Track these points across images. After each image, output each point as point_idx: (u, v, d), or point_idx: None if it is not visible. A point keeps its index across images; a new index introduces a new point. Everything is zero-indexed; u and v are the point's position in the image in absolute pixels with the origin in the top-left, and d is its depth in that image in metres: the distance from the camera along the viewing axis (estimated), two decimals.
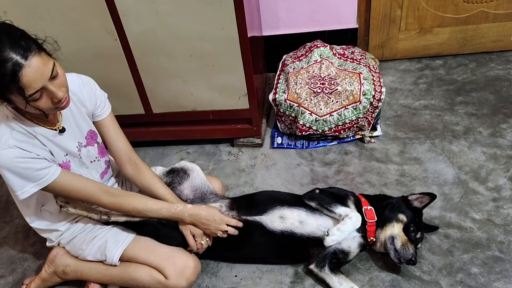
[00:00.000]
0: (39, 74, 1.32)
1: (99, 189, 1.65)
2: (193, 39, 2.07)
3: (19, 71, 1.28)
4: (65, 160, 1.64)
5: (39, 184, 1.50)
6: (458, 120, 2.42)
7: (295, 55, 2.62)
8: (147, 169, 1.85)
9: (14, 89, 1.31)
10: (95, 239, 1.77)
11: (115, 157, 1.82)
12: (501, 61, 2.79)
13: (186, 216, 1.73)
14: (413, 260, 1.68)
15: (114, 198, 1.67)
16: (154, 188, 1.80)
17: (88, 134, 1.73)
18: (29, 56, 1.30)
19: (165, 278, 1.72)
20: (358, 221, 1.70)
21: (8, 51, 1.28)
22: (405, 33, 2.80)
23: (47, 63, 1.35)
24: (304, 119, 2.34)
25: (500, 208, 1.95)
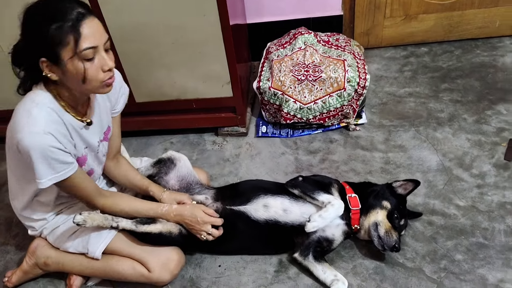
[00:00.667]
0: (98, 32, 1.35)
1: (96, 191, 1.64)
2: (174, 26, 2.04)
3: (81, 20, 1.30)
4: (84, 153, 1.62)
5: (58, 177, 1.47)
6: (443, 107, 2.41)
7: (279, 42, 2.59)
8: (124, 160, 1.89)
9: (71, 39, 1.30)
10: (78, 231, 1.74)
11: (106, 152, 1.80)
12: (486, 47, 2.78)
13: (172, 216, 1.73)
14: (397, 247, 1.68)
15: (105, 199, 1.66)
16: (131, 177, 1.85)
17: (107, 130, 1.72)
18: (92, 14, 1.35)
19: (148, 271, 1.71)
20: (340, 208, 1.70)
21: (74, 3, 1.33)
22: (390, 20, 2.78)
23: (103, 31, 1.38)
24: (288, 107, 2.32)
25: (484, 195, 1.95)
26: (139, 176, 1.87)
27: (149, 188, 1.83)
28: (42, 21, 1.30)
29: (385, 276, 1.72)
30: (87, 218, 1.61)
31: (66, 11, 1.30)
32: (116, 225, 1.69)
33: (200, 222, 1.70)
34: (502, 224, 1.83)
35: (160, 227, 1.73)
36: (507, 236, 1.79)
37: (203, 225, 1.71)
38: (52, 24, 1.29)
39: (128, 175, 1.86)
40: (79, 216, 1.60)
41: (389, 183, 1.86)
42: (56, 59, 1.33)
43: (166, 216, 1.73)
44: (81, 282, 1.82)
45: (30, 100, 1.44)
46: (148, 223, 1.73)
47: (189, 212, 1.72)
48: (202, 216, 1.71)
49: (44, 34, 1.30)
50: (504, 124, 2.25)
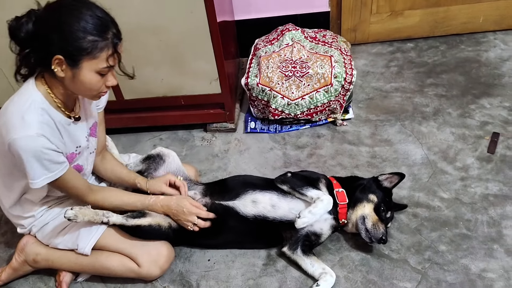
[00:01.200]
0: (119, 57, 1.45)
1: (87, 187, 1.65)
2: (161, 23, 2.04)
3: (117, 42, 1.40)
4: (74, 151, 1.63)
5: (50, 177, 1.49)
6: (428, 101, 2.45)
7: (267, 39, 2.61)
8: (110, 155, 1.92)
9: (104, 54, 1.37)
10: (67, 227, 1.75)
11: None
12: (471, 42, 2.82)
13: (159, 206, 1.75)
14: (384, 239, 1.71)
15: (95, 195, 1.68)
16: (117, 171, 1.87)
17: (93, 125, 1.73)
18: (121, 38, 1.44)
19: (137, 266, 1.72)
20: (329, 203, 1.72)
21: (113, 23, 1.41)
22: (377, 16, 2.81)
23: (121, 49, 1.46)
24: (276, 103, 2.34)
25: (468, 187, 1.99)
26: (125, 170, 1.89)
27: (136, 180, 1.85)
28: (80, 28, 1.33)
29: (371, 267, 1.76)
30: (78, 213, 1.62)
31: (106, 28, 1.37)
32: (106, 220, 1.70)
33: (185, 212, 1.72)
34: (485, 216, 1.87)
35: (150, 220, 1.74)
36: (490, 227, 1.83)
37: (188, 215, 1.73)
38: (89, 35, 1.34)
39: (114, 170, 1.88)
40: (70, 211, 1.60)
41: (375, 176, 1.89)
42: (75, 63, 1.37)
43: (154, 206, 1.75)
44: (71, 279, 1.83)
45: (22, 99, 1.44)
46: (138, 217, 1.74)
47: (175, 203, 1.74)
48: (188, 206, 1.73)
49: (77, 39, 1.33)
50: (487, 117, 2.30)
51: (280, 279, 1.77)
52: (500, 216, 1.86)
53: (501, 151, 2.12)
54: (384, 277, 1.72)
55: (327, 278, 1.69)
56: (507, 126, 2.24)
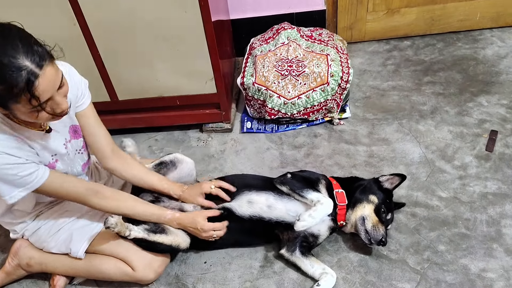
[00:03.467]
0: (51, 84, 1.27)
1: (88, 190, 1.60)
2: (156, 22, 2.02)
3: (34, 81, 1.21)
4: (52, 160, 1.58)
5: (28, 188, 1.45)
6: (425, 100, 2.43)
7: (263, 37, 2.59)
8: (131, 158, 1.81)
9: (23, 99, 1.23)
10: (60, 231, 1.72)
11: (97, 150, 1.73)
12: (468, 40, 2.80)
13: (175, 224, 1.74)
14: (384, 241, 1.69)
15: (101, 200, 1.63)
16: (145, 178, 1.79)
17: (70, 129, 1.65)
18: (43, 65, 1.23)
19: (132, 270, 1.70)
20: (329, 207, 1.70)
21: (23, 57, 1.20)
22: (373, 14, 2.79)
23: (57, 73, 1.30)
24: (272, 103, 2.32)
25: (466, 186, 1.97)
26: (156, 177, 1.82)
27: (171, 191, 1.80)
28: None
29: (369, 268, 1.74)
30: (118, 221, 1.58)
31: (15, 70, 1.19)
32: (128, 233, 1.64)
33: (200, 230, 1.70)
34: (484, 215, 1.85)
35: (172, 239, 1.72)
36: (489, 226, 1.81)
37: (205, 232, 1.71)
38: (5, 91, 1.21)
39: (143, 177, 1.79)
40: (112, 219, 1.56)
41: (376, 177, 1.87)
42: (5, 107, 1.29)
43: (169, 224, 1.73)
44: (65, 283, 1.80)
45: None
46: (159, 232, 1.71)
47: (189, 222, 1.71)
48: (202, 225, 1.70)
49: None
50: (485, 115, 2.28)
51: (278, 281, 1.75)
52: (499, 215, 1.84)
53: (500, 149, 2.11)
54: (382, 278, 1.70)
55: (328, 278, 1.68)
56: (505, 123, 2.22)
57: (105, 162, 1.75)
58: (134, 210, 1.69)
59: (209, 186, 1.80)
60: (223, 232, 1.74)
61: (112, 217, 1.57)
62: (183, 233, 1.76)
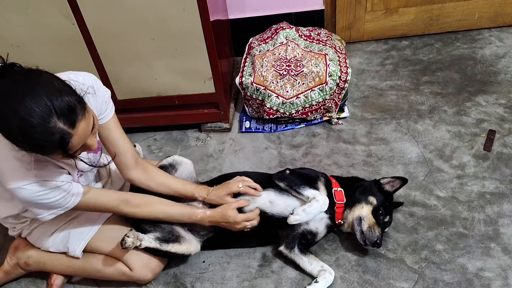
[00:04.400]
0: (84, 137, 1.27)
1: (119, 200, 1.62)
2: (154, 22, 2.02)
3: (68, 141, 1.21)
4: (78, 176, 1.59)
5: (66, 208, 1.47)
6: (424, 99, 2.43)
7: (261, 37, 2.59)
8: (151, 166, 1.79)
9: (58, 153, 1.24)
10: (58, 230, 1.72)
11: (121, 162, 1.69)
12: (466, 40, 2.81)
13: (207, 222, 1.73)
14: (378, 243, 1.69)
15: (134, 208, 1.64)
16: (170, 184, 1.77)
17: None
18: (77, 123, 1.21)
19: (129, 269, 1.70)
20: (325, 204, 1.70)
21: (55, 120, 1.17)
22: (372, 14, 2.79)
23: (89, 122, 1.27)
24: (271, 102, 2.32)
25: (464, 185, 1.98)
26: (180, 182, 1.80)
27: (196, 194, 1.78)
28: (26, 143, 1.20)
29: (367, 267, 1.74)
30: (133, 239, 1.59)
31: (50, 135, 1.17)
32: (139, 243, 1.63)
33: (232, 222, 1.70)
34: (482, 214, 1.86)
35: (184, 249, 1.73)
36: (487, 225, 1.82)
37: (238, 224, 1.70)
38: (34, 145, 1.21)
39: (167, 184, 1.76)
40: (129, 240, 1.57)
41: (377, 179, 1.87)
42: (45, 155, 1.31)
43: (201, 222, 1.73)
44: (63, 282, 1.81)
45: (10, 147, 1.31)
46: (172, 242, 1.71)
47: (220, 217, 1.71)
48: (234, 217, 1.69)
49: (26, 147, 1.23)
50: (483, 115, 2.28)
51: (276, 280, 1.75)
52: (497, 214, 1.85)
53: (498, 149, 2.11)
54: (380, 277, 1.70)
55: (326, 275, 1.68)
56: (503, 123, 2.22)
57: (127, 173, 1.72)
58: (167, 213, 1.70)
59: (236, 186, 1.77)
60: (256, 221, 1.73)
61: (128, 236, 1.57)
62: (196, 240, 1.77)
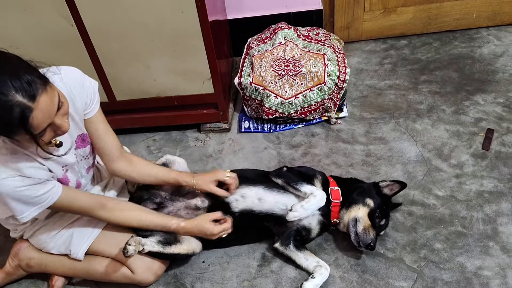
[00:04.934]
0: (47, 113, 1.24)
1: (95, 204, 1.61)
2: (152, 23, 2.03)
3: (29, 115, 1.19)
4: (63, 171, 1.58)
5: (41, 207, 1.46)
6: (422, 99, 2.44)
7: (260, 37, 2.60)
8: (135, 157, 1.80)
9: (22, 132, 1.23)
10: (60, 232, 1.73)
11: (105, 154, 1.70)
12: (464, 39, 2.81)
13: (182, 232, 1.73)
14: (372, 245, 1.69)
15: (109, 213, 1.63)
16: (153, 172, 1.77)
17: (78, 138, 1.63)
18: (37, 96, 1.20)
19: (131, 272, 1.70)
20: (322, 199, 1.72)
21: (13, 93, 1.16)
22: (370, 14, 2.79)
23: (53, 98, 1.26)
24: (270, 102, 2.33)
25: (463, 184, 1.99)
26: (161, 170, 1.80)
27: (180, 179, 1.77)
28: None
29: (367, 267, 1.75)
30: (136, 247, 1.59)
31: (8, 108, 1.16)
32: (142, 248, 1.64)
33: (210, 235, 1.71)
34: (480, 213, 1.87)
35: (186, 248, 1.74)
36: (485, 224, 1.82)
37: (214, 236, 1.71)
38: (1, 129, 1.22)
39: (151, 173, 1.77)
40: (131, 248, 1.56)
41: (376, 182, 1.87)
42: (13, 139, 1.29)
43: (176, 232, 1.73)
44: (63, 283, 1.81)
45: None
46: (174, 243, 1.71)
47: (197, 230, 1.71)
48: (211, 230, 1.70)
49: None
50: (481, 114, 2.29)
51: (275, 280, 1.76)
52: (495, 213, 1.86)
53: (496, 148, 2.12)
54: (379, 276, 1.71)
55: (322, 271, 1.69)
56: (501, 122, 2.23)
57: (113, 165, 1.73)
58: (141, 220, 1.69)
59: (224, 174, 1.78)
60: (231, 230, 1.74)
61: (130, 244, 1.57)
62: (194, 239, 1.77)
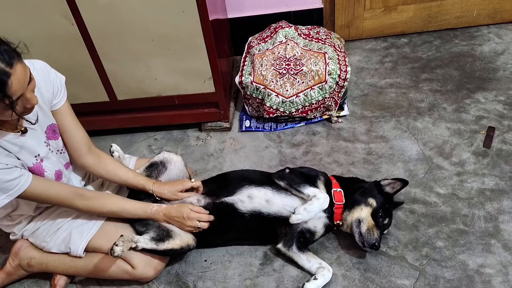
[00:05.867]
0: (22, 82, 1.28)
1: (72, 193, 1.61)
2: (153, 23, 2.03)
3: (6, 80, 1.23)
4: (37, 161, 1.58)
5: (11, 195, 1.45)
6: (423, 97, 2.44)
7: (261, 36, 2.59)
8: (106, 155, 1.82)
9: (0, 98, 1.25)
10: (59, 230, 1.73)
11: (73, 148, 1.73)
12: (465, 37, 2.81)
13: (161, 215, 1.73)
14: (376, 245, 1.69)
15: (87, 201, 1.64)
16: (119, 173, 1.78)
17: (48, 129, 1.64)
18: (13, 63, 1.25)
19: (132, 268, 1.70)
20: (325, 202, 1.71)
21: None
22: (370, 12, 2.79)
23: (26, 69, 1.31)
24: (270, 101, 2.33)
25: (464, 182, 1.99)
26: (131, 173, 1.81)
27: (146, 187, 1.78)
28: None
29: (369, 265, 1.75)
30: (123, 247, 1.58)
31: None
32: (135, 245, 1.64)
33: (186, 218, 1.70)
34: (482, 211, 1.87)
35: (180, 242, 1.73)
36: (487, 222, 1.82)
37: (190, 221, 1.71)
38: None
39: (118, 173, 1.78)
40: (118, 249, 1.55)
41: (378, 181, 1.87)
42: None
43: (156, 216, 1.72)
44: (66, 282, 1.81)
45: None
46: (167, 239, 1.71)
47: (175, 210, 1.72)
48: (188, 212, 1.71)
49: None
50: (482, 112, 2.29)
51: (278, 278, 1.76)
52: (497, 210, 1.86)
53: (497, 146, 2.12)
54: (381, 274, 1.71)
55: (324, 272, 1.69)
56: (502, 120, 2.23)
57: (81, 160, 1.75)
58: (121, 206, 1.70)
59: (189, 183, 1.80)
60: (207, 225, 1.74)
61: (116, 245, 1.56)
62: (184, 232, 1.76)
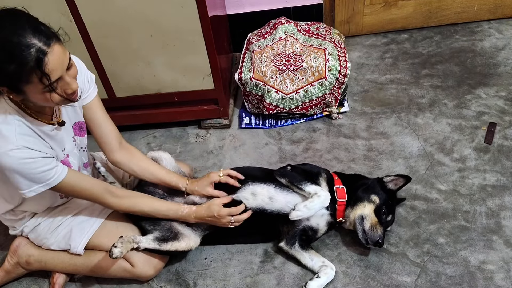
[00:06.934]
0: (60, 62, 1.29)
1: (104, 190, 1.61)
2: (152, 19, 2.01)
3: (43, 58, 1.24)
4: (64, 155, 1.58)
5: (48, 184, 1.45)
6: (424, 93, 2.43)
7: (260, 32, 2.58)
8: (137, 150, 1.81)
9: (35, 77, 1.25)
10: (60, 227, 1.72)
11: (104, 143, 1.72)
12: (465, 32, 2.80)
13: (192, 218, 1.72)
14: (380, 242, 1.67)
15: (119, 199, 1.64)
16: (153, 171, 1.79)
17: (75, 125, 1.65)
18: (51, 43, 1.26)
19: (131, 266, 1.70)
20: (326, 200, 1.69)
21: (31, 36, 1.23)
22: (370, 8, 2.78)
23: (65, 52, 1.32)
24: (270, 98, 2.32)
25: (466, 178, 1.97)
26: (163, 170, 1.81)
27: (180, 184, 1.79)
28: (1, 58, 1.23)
29: (370, 262, 1.74)
30: (122, 249, 1.57)
31: (25, 48, 1.22)
32: (137, 246, 1.64)
33: (218, 217, 1.69)
34: (483, 207, 1.86)
35: (184, 245, 1.72)
36: (488, 218, 1.81)
37: (222, 218, 1.69)
38: (11, 64, 1.23)
39: (151, 169, 1.79)
40: (116, 250, 1.54)
41: (380, 177, 1.86)
42: (18, 91, 1.30)
43: (187, 218, 1.72)
44: (65, 280, 1.80)
45: None
46: (171, 240, 1.70)
47: (206, 212, 1.70)
48: (218, 211, 1.69)
49: (3, 71, 1.24)
50: (483, 107, 2.28)
51: (278, 276, 1.75)
52: (498, 207, 1.85)
53: (498, 141, 2.10)
54: (383, 271, 1.70)
55: (327, 271, 1.68)
56: (503, 115, 2.22)
57: (112, 155, 1.75)
58: (152, 206, 1.69)
59: (217, 175, 1.79)
60: (242, 218, 1.72)
61: (115, 247, 1.55)
62: (195, 235, 1.77)
